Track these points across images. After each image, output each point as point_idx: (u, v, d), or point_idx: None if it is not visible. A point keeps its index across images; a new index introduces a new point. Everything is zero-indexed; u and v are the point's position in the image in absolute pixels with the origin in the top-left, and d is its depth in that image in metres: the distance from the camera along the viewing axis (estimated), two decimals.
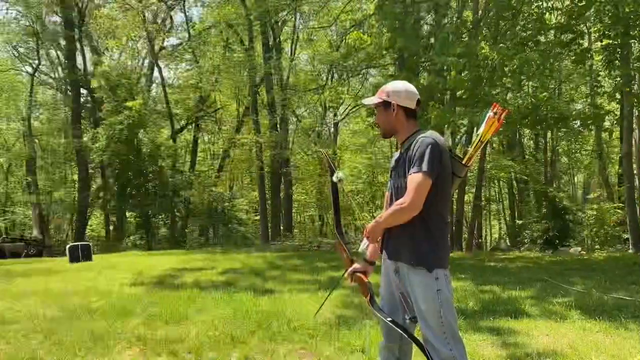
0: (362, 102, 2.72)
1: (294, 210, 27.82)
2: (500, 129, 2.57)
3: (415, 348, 2.62)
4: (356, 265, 2.63)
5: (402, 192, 2.41)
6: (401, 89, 2.53)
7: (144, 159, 22.21)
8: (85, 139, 24.53)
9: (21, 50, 29.89)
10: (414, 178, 2.32)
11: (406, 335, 2.41)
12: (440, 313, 2.31)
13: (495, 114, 2.46)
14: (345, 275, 2.64)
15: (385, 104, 2.54)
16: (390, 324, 2.45)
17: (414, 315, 2.44)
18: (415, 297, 2.36)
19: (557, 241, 16.99)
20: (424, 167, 2.30)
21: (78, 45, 26.68)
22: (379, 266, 2.63)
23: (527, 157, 24.38)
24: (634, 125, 16.35)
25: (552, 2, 13.66)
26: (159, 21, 25.64)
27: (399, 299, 2.50)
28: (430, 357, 2.34)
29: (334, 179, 2.69)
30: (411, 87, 2.56)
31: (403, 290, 2.44)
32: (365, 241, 2.51)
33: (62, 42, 26.98)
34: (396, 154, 2.64)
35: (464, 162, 2.53)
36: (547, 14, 12.31)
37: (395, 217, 2.37)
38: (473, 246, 20.46)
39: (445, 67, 10.49)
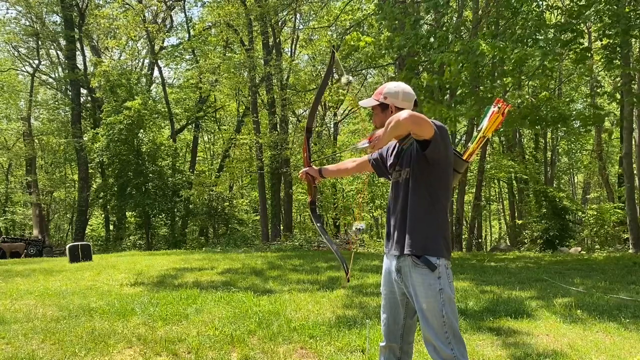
0: (359, 104, 2.66)
1: (294, 210, 27.82)
2: (501, 128, 2.57)
3: (416, 348, 2.62)
4: (308, 169, 2.95)
5: (404, 185, 2.41)
6: (398, 90, 2.51)
7: (144, 159, 22.22)
8: (85, 139, 24.55)
9: (21, 50, 29.91)
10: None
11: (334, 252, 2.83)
12: (442, 312, 2.29)
13: (499, 109, 2.46)
14: (299, 173, 2.97)
15: (383, 106, 2.52)
16: (320, 229, 2.91)
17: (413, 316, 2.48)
18: (417, 296, 2.35)
19: (557, 241, 17.02)
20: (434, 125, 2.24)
21: (78, 45, 26.70)
22: (380, 266, 2.63)
23: (527, 157, 24.39)
24: (634, 125, 16.34)
25: (552, 1, 13.67)
26: (159, 21, 25.66)
27: (400, 297, 2.49)
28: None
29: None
30: (408, 88, 2.54)
31: (405, 289, 2.44)
32: (365, 142, 2.36)
33: (62, 42, 27.00)
34: (392, 150, 2.61)
35: (464, 157, 2.51)
36: (547, 13, 12.32)
37: (396, 124, 2.19)
38: (473, 246, 20.47)
39: (443, 65, 10.48)
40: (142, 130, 22.39)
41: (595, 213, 19.03)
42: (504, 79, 10.58)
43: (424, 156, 2.33)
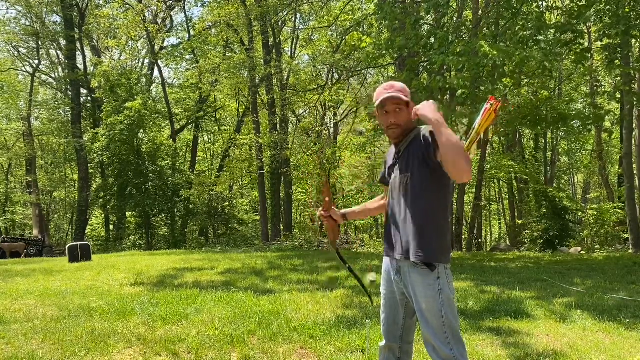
0: (390, 95, 2.53)
1: (294, 210, 27.83)
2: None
3: (415, 348, 2.61)
4: (333, 214, 2.74)
5: (405, 189, 2.38)
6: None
7: (144, 159, 22.23)
8: (85, 139, 24.56)
9: (21, 50, 29.93)
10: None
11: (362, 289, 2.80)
12: (441, 313, 2.29)
13: (491, 105, 2.45)
14: (320, 216, 2.75)
15: (408, 104, 2.47)
16: (349, 272, 2.80)
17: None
18: (417, 296, 2.35)
19: (557, 241, 17.00)
20: None
21: (78, 45, 26.71)
22: (380, 266, 2.63)
23: (527, 157, 24.39)
24: (634, 125, 16.34)
25: (552, 2, 13.67)
26: (159, 21, 25.67)
27: (399, 298, 2.49)
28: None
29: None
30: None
31: (405, 290, 2.43)
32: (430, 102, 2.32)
33: (62, 42, 27.02)
34: (391, 151, 2.59)
35: None
36: (547, 13, 12.31)
37: (456, 145, 2.14)
38: (473, 246, 20.46)
39: (444, 67, 10.47)
40: (142, 130, 22.40)
41: (595, 213, 19.03)
42: (504, 80, 10.58)
43: (430, 162, 2.30)
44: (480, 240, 25.11)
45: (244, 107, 27.54)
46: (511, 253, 15.23)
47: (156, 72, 27.81)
